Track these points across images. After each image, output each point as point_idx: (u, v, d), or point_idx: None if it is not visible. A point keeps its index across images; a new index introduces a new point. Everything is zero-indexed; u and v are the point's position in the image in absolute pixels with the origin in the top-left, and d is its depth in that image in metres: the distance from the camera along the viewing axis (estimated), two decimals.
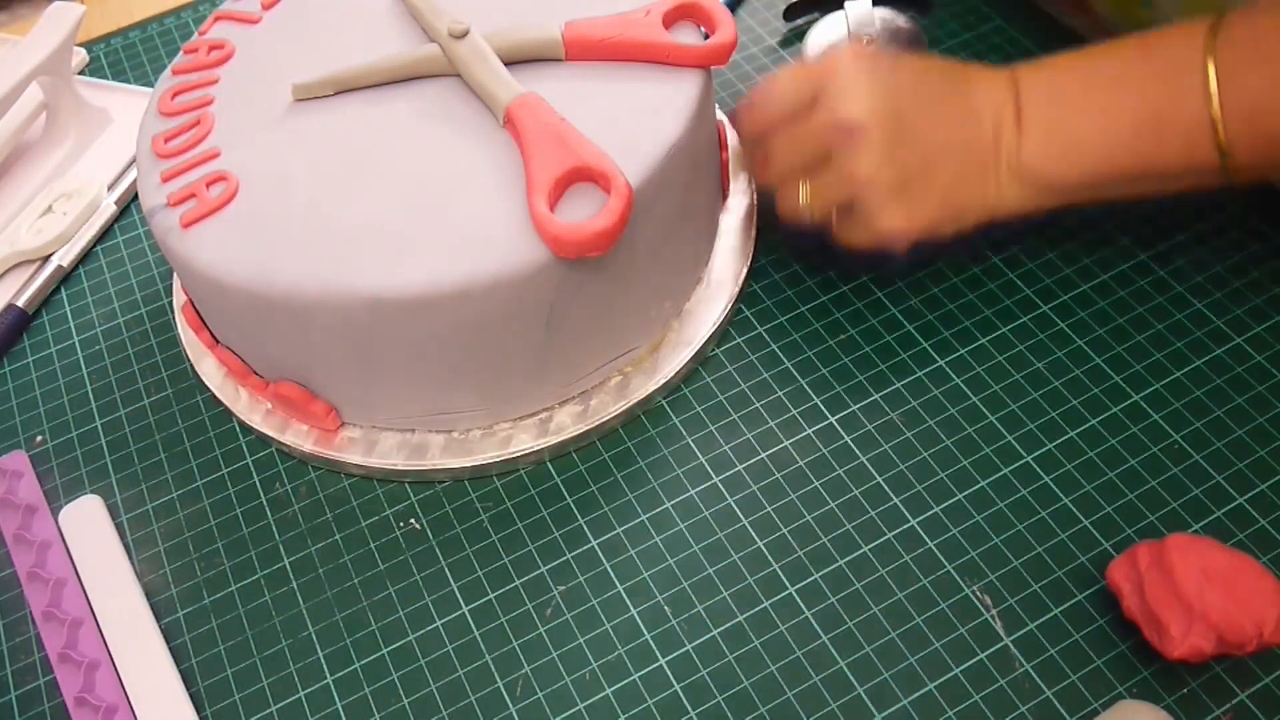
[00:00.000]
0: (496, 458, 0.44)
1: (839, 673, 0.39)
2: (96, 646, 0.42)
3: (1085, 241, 0.49)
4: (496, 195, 0.41)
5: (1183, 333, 0.46)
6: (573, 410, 0.45)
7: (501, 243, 0.39)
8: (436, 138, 0.43)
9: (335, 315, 0.40)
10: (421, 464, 0.44)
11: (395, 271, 0.39)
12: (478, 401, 0.44)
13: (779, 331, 0.48)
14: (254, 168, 0.44)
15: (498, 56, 0.44)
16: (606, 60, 0.45)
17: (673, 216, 0.44)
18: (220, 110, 0.46)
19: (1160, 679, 0.38)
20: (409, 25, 0.48)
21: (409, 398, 0.44)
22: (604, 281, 0.42)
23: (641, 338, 0.46)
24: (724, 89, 0.58)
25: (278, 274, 0.40)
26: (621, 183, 0.39)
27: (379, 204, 0.41)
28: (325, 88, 0.46)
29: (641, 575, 0.42)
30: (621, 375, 0.46)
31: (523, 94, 0.43)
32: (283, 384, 0.44)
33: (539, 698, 0.39)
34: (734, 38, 0.44)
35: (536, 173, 0.40)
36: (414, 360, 0.42)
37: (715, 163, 0.48)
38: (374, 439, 0.45)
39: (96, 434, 0.49)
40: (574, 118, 0.42)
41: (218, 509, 0.46)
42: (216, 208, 0.42)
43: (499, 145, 0.43)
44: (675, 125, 0.42)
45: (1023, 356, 0.46)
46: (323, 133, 0.44)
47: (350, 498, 0.45)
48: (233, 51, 0.49)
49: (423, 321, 0.40)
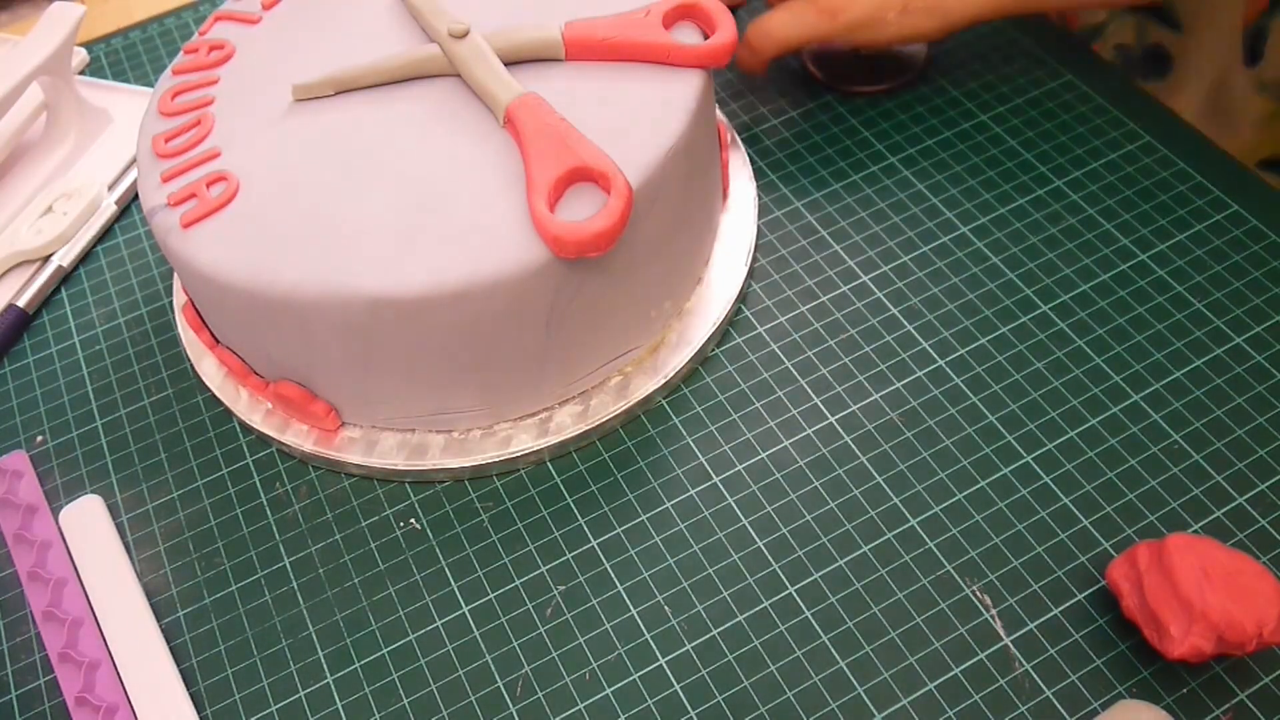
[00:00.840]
0: (496, 457, 0.44)
1: (839, 673, 0.39)
2: (97, 646, 0.42)
3: (1085, 241, 0.49)
4: (496, 195, 0.41)
5: (1183, 333, 0.46)
6: (573, 410, 0.45)
7: (502, 243, 0.39)
8: (437, 138, 0.43)
9: (335, 316, 0.40)
10: (422, 464, 0.44)
11: (395, 272, 0.39)
12: (478, 401, 0.44)
13: (779, 331, 0.48)
14: (254, 168, 0.44)
15: (498, 56, 0.44)
16: (606, 60, 0.45)
17: (673, 216, 0.44)
18: (220, 110, 0.46)
19: (1160, 679, 0.38)
20: (409, 25, 0.48)
21: (409, 398, 0.44)
22: (604, 282, 0.42)
23: (642, 338, 0.46)
24: (724, 89, 0.58)
25: (277, 274, 0.40)
26: (622, 183, 0.39)
27: (379, 204, 0.41)
28: (325, 88, 0.46)
29: (641, 575, 0.42)
30: (622, 375, 0.46)
31: (523, 94, 0.43)
32: (283, 384, 0.44)
33: (539, 698, 0.39)
34: (734, 38, 0.44)
35: (536, 173, 0.40)
36: (414, 360, 0.42)
37: (715, 163, 0.48)
38: (374, 439, 0.45)
39: (97, 434, 0.49)
40: (574, 118, 0.42)
41: (218, 509, 0.46)
42: (217, 208, 0.42)
43: (499, 145, 0.43)
44: (675, 125, 0.42)
45: (1023, 356, 0.46)
46: (323, 133, 0.44)
47: (350, 498, 0.45)
48: (233, 52, 0.49)
49: (423, 322, 0.40)
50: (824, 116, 0.56)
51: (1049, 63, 0.56)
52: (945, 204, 0.51)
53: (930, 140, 0.54)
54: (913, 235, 0.50)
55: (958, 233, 0.50)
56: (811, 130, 0.55)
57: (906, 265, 0.49)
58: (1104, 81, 0.55)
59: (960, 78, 0.56)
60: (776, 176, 0.54)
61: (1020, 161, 0.53)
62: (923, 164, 0.53)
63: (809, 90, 0.57)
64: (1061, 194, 0.51)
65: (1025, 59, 0.57)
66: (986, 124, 0.54)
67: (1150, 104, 0.54)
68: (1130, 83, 0.55)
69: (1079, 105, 0.54)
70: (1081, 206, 0.51)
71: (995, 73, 0.56)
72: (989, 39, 0.58)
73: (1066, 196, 0.51)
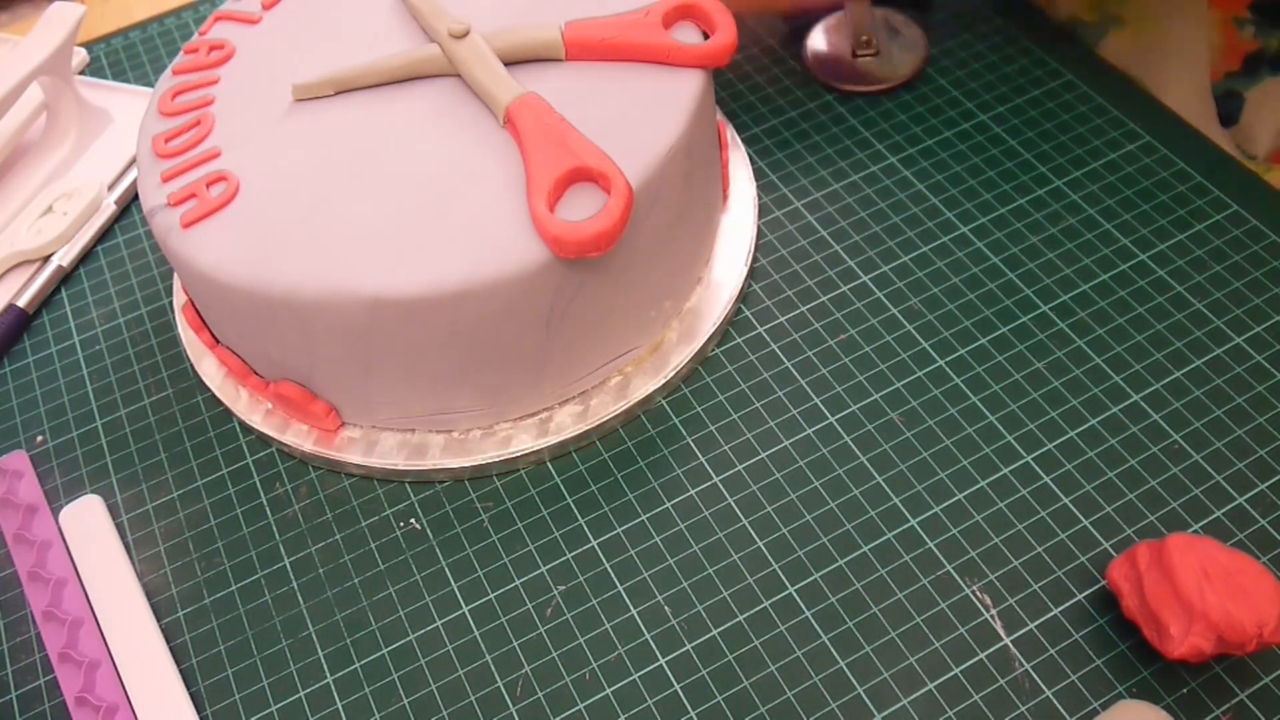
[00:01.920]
0: (497, 457, 0.44)
1: (839, 673, 0.39)
2: (97, 646, 0.42)
3: (1085, 241, 0.49)
4: (496, 195, 0.41)
5: (1183, 333, 0.46)
6: (573, 410, 0.45)
7: (501, 243, 0.39)
8: (437, 138, 0.43)
9: (335, 316, 0.40)
10: (422, 464, 0.44)
11: (395, 272, 0.39)
12: (478, 401, 0.44)
13: (779, 331, 0.48)
14: (254, 168, 0.44)
15: (498, 57, 0.44)
16: (606, 60, 0.45)
17: (673, 217, 0.44)
18: (221, 110, 0.46)
19: (1160, 679, 0.38)
20: (409, 26, 0.48)
21: (409, 398, 0.44)
22: (604, 282, 0.42)
23: (642, 338, 0.46)
24: (724, 89, 0.58)
25: (277, 274, 0.40)
26: (622, 183, 0.39)
27: (379, 204, 0.41)
28: (325, 88, 0.46)
29: (641, 575, 0.42)
30: (622, 375, 0.46)
31: (523, 94, 0.43)
32: (283, 384, 0.44)
33: (539, 698, 0.39)
34: (734, 38, 0.44)
35: (536, 173, 0.40)
36: (414, 360, 0.42)
37: (715, 163, 0.48)
38: (374, 439, 0.45)
39: (97, 434, 0.49)
40: (574, 118, 0.42)
41: (218, 509, 0.46)
42: (217, 208, 0.42)
43: (499, 145, 0.43)
44: (675, 125, 0.42)
45: (1023, 356, 0.46)
46: (323, 133, 0.44)
47: (350, 498, 0.45)
48: (233, 52, 0.49)
49: (422, 322, 0.40)
50: (824, 116, 0.56)
51: (1049, 63, 0.56)
52: (945, 204, 0.51)
53: (930, 140, 0.54)
54: (913, 235, 0.50)
55: (958, 233, 0.50)
56: (812, 130, 0.55)
57: (906, 265, 0.49)
58: (1104, 81, 0.55)
59: (960, 78, 0.56)
60: (776, 176, 0.54)
61: (1020, 161, 0.53)
62: (923, 164, 0.53)
63: (809, 90, 0.57)
64: (1061, 194, 0.51)
65: (1025, 59, 0.57)
66: (986, 124, 0.54)
67: (1150, 104, 0.54)
68: (1130, 83, 0.55)
69: (1079, 105, 0.54)
70: (1081, 206, 0.51)
71: (995, 73, 0.56)
72: (989, 39, 0.58)
73: (1066, 196, 0.51)
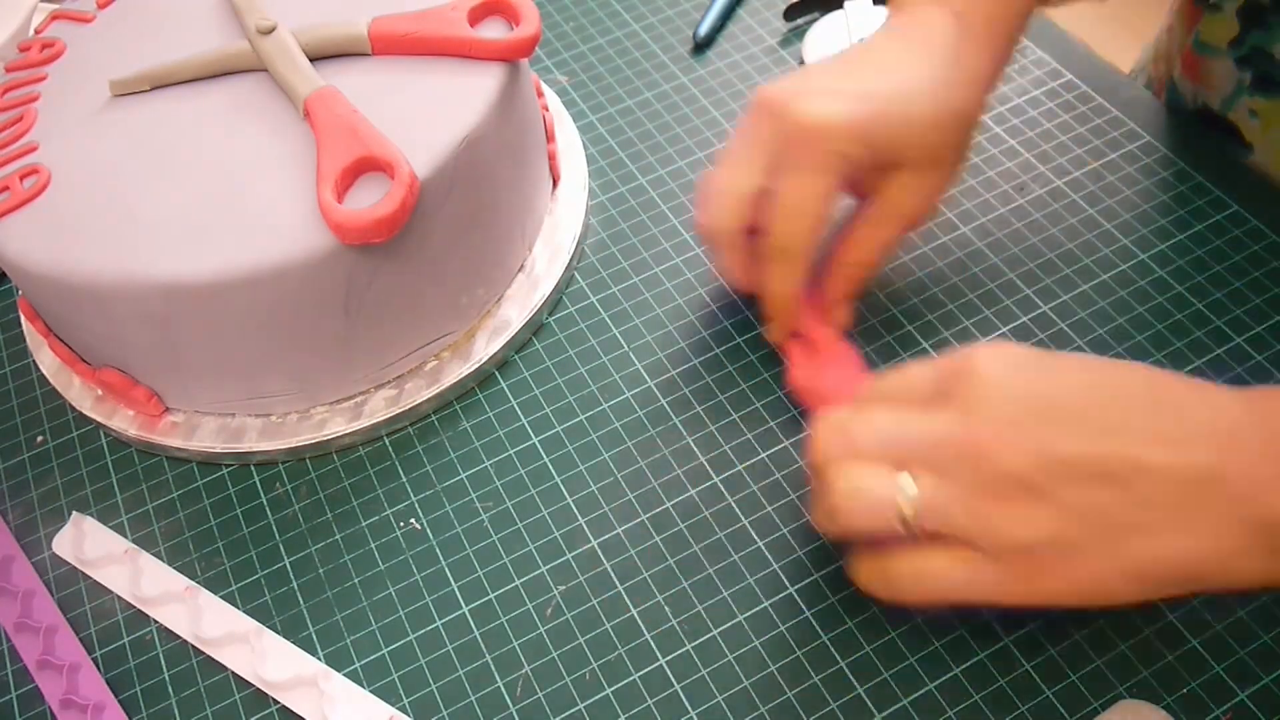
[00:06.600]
0: (310, 440, 0.46)
1: (839, 673, 0.39)
2: (74, 649, 0.42)
3: (1085, 242, 0.49)
4: (290, 185, 0.42)
5: (1183, 333, 0.46)
6: (386, 394, 0.47)
7: (289, 230, 0.41)
8: (242, 130, 0.45)
9: (133, 303, 0.41)
10: (238, 447, 0.46)
11: (188, 259, 0.41)
12: (289, 385, 0.45)
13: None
14: (68, 161, 0.45)
15: (306, 52, 0.46)
16: (412, 55, 0.46)
17: (476, 206, 0.45)
18: (44, 106, 0.48)
19: (1160, 679, 0.38)
20: (233, 23, 0.49)
21: (221, 383, 0.45)
22: (401, 268, 0.43)
23: (454, 324, 0.47)
24: (724, 89, 0.58)
25: (79, 264, 0.41)
26: (405, 171, 0.40)
27: (180, 195, 0.43)
28: (142, 83, 0.47)
29: (642, 575, 0.42)
30: (436, 360, 0.47)
31: (321, 87, 0.44)
32: (105, 370, 0.46)
33: (539, 698, 0.39)
34: (537, 31, 0.46)
35: (325, 162, 0.41)
36: (218, 346, 0.43)
37: (535, 153, 0.49)
38: (195, 423, 0.47)
39: None
40: (375, 110, 0.44)
41: (217, 509, 0.46)
42: (27, 200, 0.44)
43: (299, 137, 0.44)
44: (472, 116, 0.43)
45: None
46: (136, 127, 0.46)
47: (350, 498, 0.45)
48: (63, 49, 0.50)
49: (217, 308, 0.41)
50: None
51: (1050, 63, 0.56)
52: (944, 204, 0.51)
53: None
54: (912, 235, 0.50)
55: (958, 233, 0.50)
56: None
57: (906, 265, 0.49)
58: (1105, 82, 0.55)
59: None
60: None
61: (1020, 161, 0.53)
62: None
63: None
64: (1061, 194, 0.51)
65: (1026, 59, 0.57)
66: (986, 124, 0.54)
67: (1151, 104, 0.54)
68: (1130, 83, 0.55)
69: (1079, 105, 0.54)
70: (1081, 206, 0.51)
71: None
72: None
73: (1066, 196, 0.51)
